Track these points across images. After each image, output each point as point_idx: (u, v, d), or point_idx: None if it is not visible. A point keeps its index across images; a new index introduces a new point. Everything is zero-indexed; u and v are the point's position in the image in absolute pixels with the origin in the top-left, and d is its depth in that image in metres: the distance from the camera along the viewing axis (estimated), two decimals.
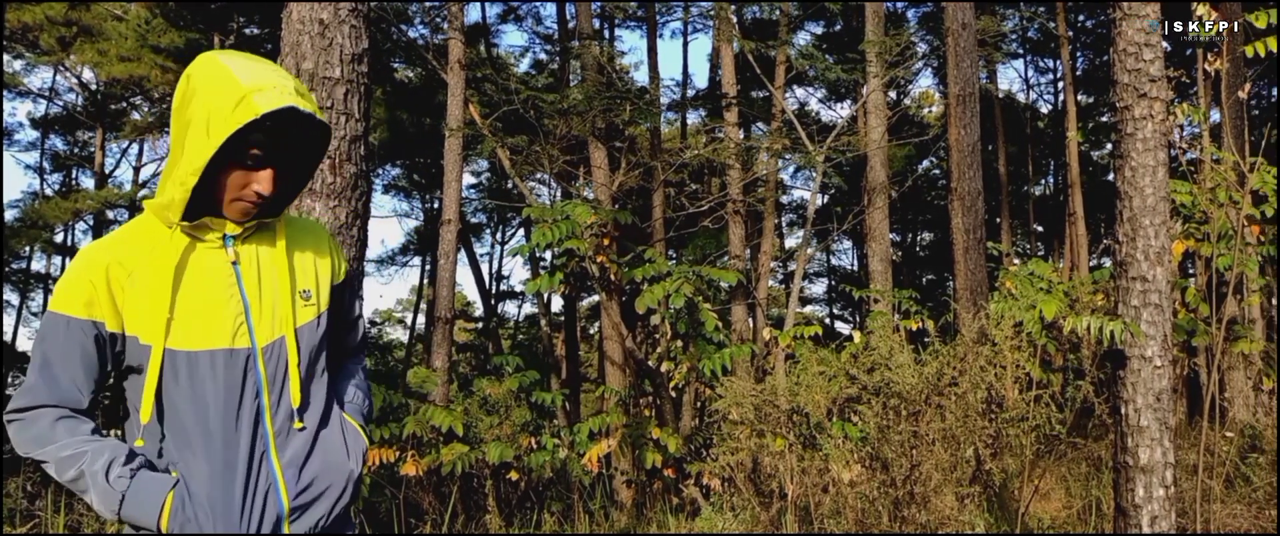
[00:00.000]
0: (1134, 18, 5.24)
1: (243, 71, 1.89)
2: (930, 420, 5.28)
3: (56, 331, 1.90)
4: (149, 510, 1.86)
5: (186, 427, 1.93)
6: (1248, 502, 6.71)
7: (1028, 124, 26.07)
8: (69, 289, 1.90)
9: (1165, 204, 5.23)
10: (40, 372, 1.90)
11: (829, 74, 13.69)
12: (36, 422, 1.90)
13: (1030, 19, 23.95)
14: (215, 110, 1.85)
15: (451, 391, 9.90)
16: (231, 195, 1.95)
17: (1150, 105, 5.18)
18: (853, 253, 30.56)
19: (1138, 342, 5.09)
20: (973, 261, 9.91)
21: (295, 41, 3.72)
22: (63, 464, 1.88)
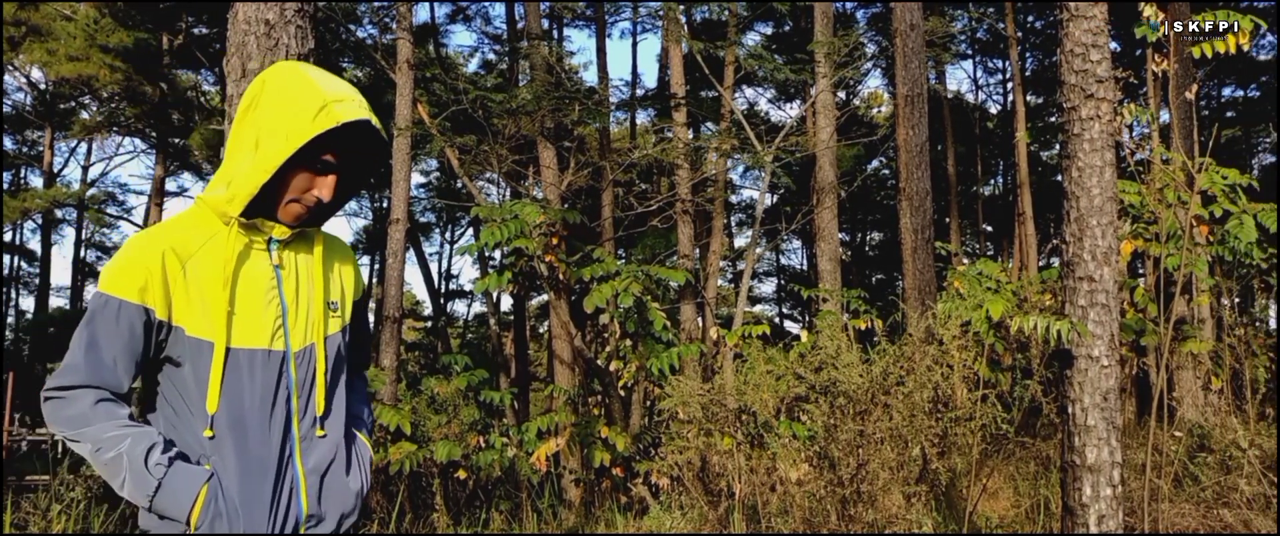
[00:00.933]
0: (1081, 19, 5.25)
1: (324, 82, 1.99)
2: (877, 419, 5.25)
3: (106, 313, 1.89)
4: (183, 501, 1.87)
5: (222, 423, 1.95)
6: (1196, 502, 6.77)
7: (977, 124, 26.38)
8: (123, 272, 1.90)
9: (1112, 204, 5.25)
10: (86, 353, 1.88)
11: (778, 74, 13.70)
12: (77, 402, 1.88)
13: (979, 20, 24.25)
14: (296, 114, 1.92)
15: (400, 390, 9.75)
16: (290, 197, 2.01)
17: (1097, 106, 5.20)
18: (802, 252, 30.73)
19: (1085, 342, 5.11)
20: (921, 261, 9.95)
21: (241, 41, 3.66)
22: (103, 445, 1.86)
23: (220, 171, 2.02)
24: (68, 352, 1.91)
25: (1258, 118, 22.71)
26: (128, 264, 1.91)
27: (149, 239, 1.95)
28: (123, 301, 1.89)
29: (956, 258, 20.08)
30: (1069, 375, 5.17)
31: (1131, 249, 7.99)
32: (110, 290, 1.90)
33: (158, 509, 1.87)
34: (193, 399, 1.95)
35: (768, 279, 31.91)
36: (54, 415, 1.89)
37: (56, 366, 2.04)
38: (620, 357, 8.19)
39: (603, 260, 8.04)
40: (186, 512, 1.87)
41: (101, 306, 1.90)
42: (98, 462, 1.87)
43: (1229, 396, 8.16)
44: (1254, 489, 6.39)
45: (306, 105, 1.93)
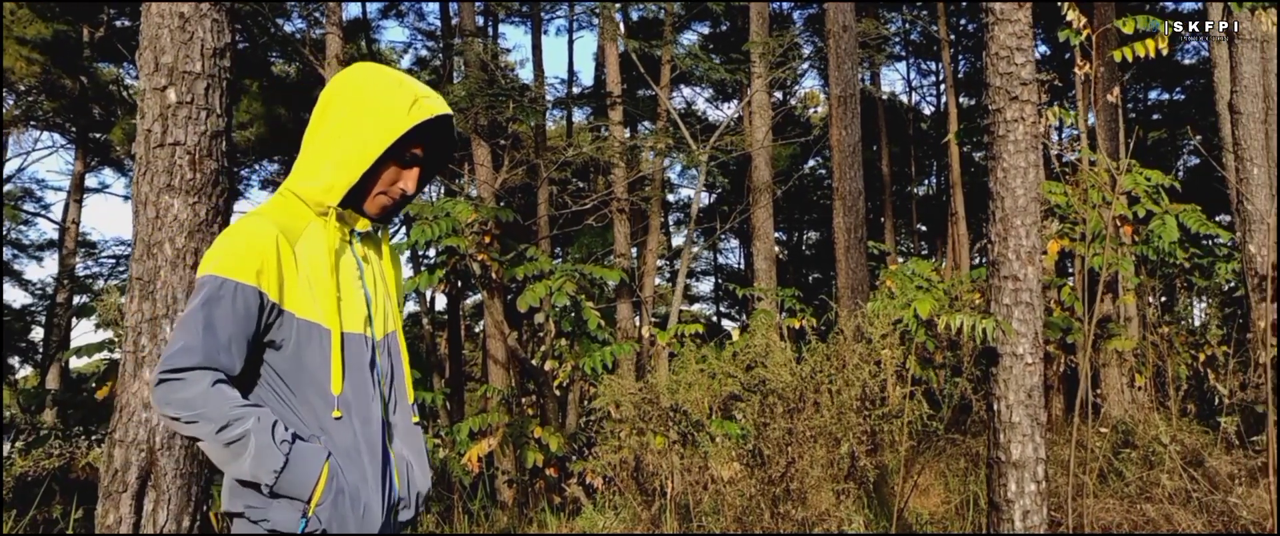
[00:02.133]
0: (1006, 22, 5.31)
1: (409, 78, 2.08)
2: (807, 417, 5.26)
3: (223, 295, 1.90)
4: (308, 478, 1.89)
5: (343, 405, 2.00)
6: (1120, 497, 6.90)
7: (911, 125, 26.74)
8: (240, 254, 1.92)
9: (1036, 204, 5.32)
10: (203, 334, 1.88)
11: (713, 74, 13.73)
12: (195, 384, 1.86)
13: (913, 22, 24.59)
14: (391, 109, 2.00)
15: None
16: (380, 189, 2.09)
17: (1021, 108, 5.26)
18: (740, 251, 30.90)
19: (1010, 340, 5.17)
20: (854, 260, 10.03)
21: (154, 35, 3.56)
22: (227, 423, 1.85)
23: (302, 164, 2.06)
24: (180, 335, 1.89)
25: (1183, 121, 23.37)
26: (244, 247, 1.92)
27: (260, 223, 1.96)
28: (239, 283, 1.90)
29: (891, 257, 20.34)
30: (995, 373, 5.22)
31: (1058, 248, 8.15)
32: (226, 273, 1.91)
33: (282, 486, 1.88)
34: (302, 381, 1.98)
35: (705, 278, 32.04)
36: (169, 397, 1.86)
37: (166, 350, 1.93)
38: (556, 357, 8.13)
39: (536, 259, 7.98)
40: (310, 490, 1.89)
41: (217, 288, 1.90)
42: (217, 442, 1.85)
43: (1152, 393, 8.35)
44: (1175, 484, 6.54)
45: (400, 99, 2.01)
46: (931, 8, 22.07)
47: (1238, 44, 8.17)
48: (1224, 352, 7.74)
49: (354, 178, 2.01)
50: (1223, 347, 7.80)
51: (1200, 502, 6.26)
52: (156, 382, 1.87)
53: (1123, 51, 5.32)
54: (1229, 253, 8.53)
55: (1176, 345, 8.17)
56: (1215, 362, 7.80)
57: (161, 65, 3.54)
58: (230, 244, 1.93)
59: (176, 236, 3.46)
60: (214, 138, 3.61)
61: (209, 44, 3.58)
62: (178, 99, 3.50)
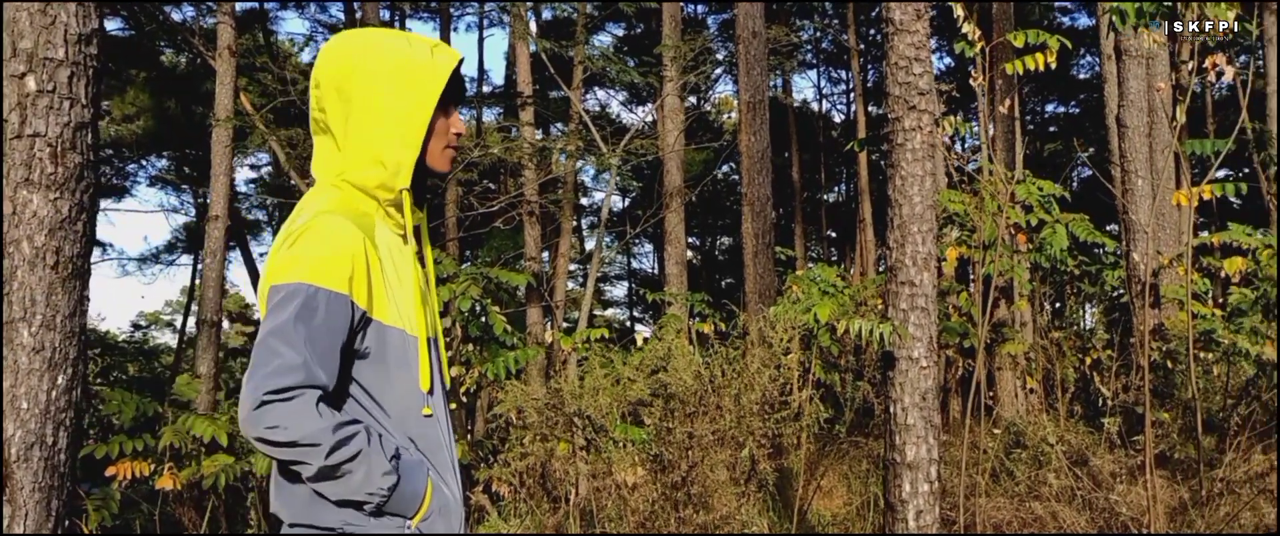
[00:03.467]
0: (905, 33, 5.45)
1: (403, 32, 1.97)
2: (711, 421, 5.31)
3: (320, 306, 1.74)
4: (416, 495, 1.82)
5: (416, 414, 1.90)
6: (1011, 495, 7.11)
7: (821, 132, 27.20)
8: (330, 260, 1.77)
9: (932, 212, 5.46)
10: (306, 349, 1.71)
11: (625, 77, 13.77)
12: (305, 403, 1.70)
13: (824, 30, 25.02)
14: (420, 65, 1.89)
15: (218, 399, 9.31)
16: (441, 144, 1.99)
17: (919, 117, 5.40)
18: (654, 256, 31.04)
19: (906, 344, 5.29)
20: (762, 265, 10.16)
21: (13, 18, 3.37)
22: (337, 446, 1.71)
23: (351, 153, 1.91)
24: (276, 351, 1.71)
25: (1077, 133, 24.25)
26: (333, 252, 1.77)
27: (346, 224, 1.82)
28: (333, 293, 1.76)
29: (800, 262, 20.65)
30: (892, 376, 5.35)
31: (956, 256, 8.37)
32: (318, 280, 1.75)
33: (393, 505, 1.79)
34: (387, 391, 1.87)
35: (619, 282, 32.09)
36: (272, 420, 1.69)
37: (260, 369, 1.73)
38: (462, 363, 8.06)
39: (440, 262, 7.90)
40: (417, 506, 1.82)
41: (314, 299, 1.75)
42: (325, 465, 1.71)
43: (1042, 395, 8.63)
44: (1061, 482, 6.77)
45: (420, 51, 1.91)
46: (842, 17, 22.49)
47: (1125, 60, 8.51)
48: (1108, 356, 8.04)
49: (418, 149, 1.91)
50: (1107, 352, 8.11)
51: (1084, 500, 6.50)
52: (257, 404, 1.68)
53: (1015, 64, 5.50)
54: (1115, 261, 8.87)
55: (1065, 349, 8.46)
56: (1100, 366, 8.10)
57: (20, 51, 3.36)
58: (318, 248, 1.78)
59: (36, 234, 3.31)
60: (78, 129, 3.44)
61: (73, 29, 3.42)
62: (37, 87, 3.34)
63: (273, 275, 1.80)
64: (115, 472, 6.35)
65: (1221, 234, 7.96)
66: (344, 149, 1.92)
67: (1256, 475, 6.23)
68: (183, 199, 23.97)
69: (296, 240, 1.80)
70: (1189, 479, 6.54)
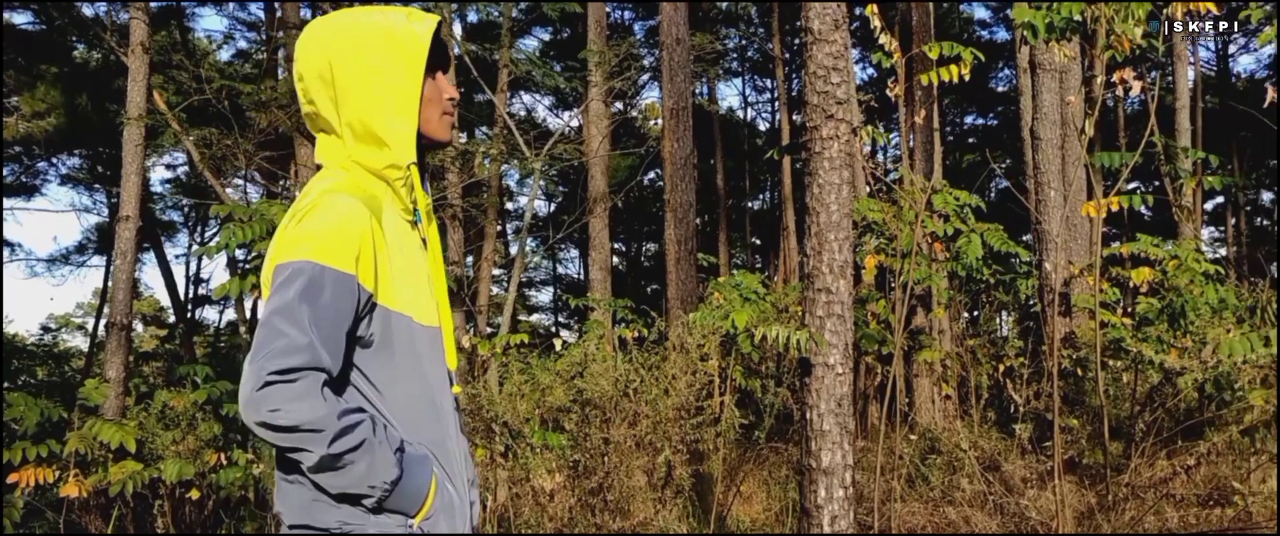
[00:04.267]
0: (824, 42, 5.49)
1: (374, 6, 1.89)
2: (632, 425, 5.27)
3: (324, 284, 1.65)
4: (419, 490, 1.73)
5: (421, 407, 1.82)
6: (925, 500, 7.21)
7: (746, 140, 27.43)
8: (337, 239, 1.68)
9: (848, 220, 5.51)
10: (311, 330, 1.62)
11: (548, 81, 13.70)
12: (309, 386, 1.60)
13: (749, 39, 25.23)
14: (393, 36, 1.82)
15: (128, 404, 9.01)
16: (436, 112, 1.92)
17: (837, 126, 5.44)
18: (579, 261, 30.95)
19: (822, 351, 5.33)
20: (684, 271, 10.17)
21: None
22: (341, 434, 1.61)
23: (354, 133, 1.84)
24: (280, 331, 1.61)
25: (996, 144, 24.84)
26: (340, 229, 1.68)
27: (354, 202, 1.73)
28: (339, 272, 1.67)
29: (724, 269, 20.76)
30: (808, 382, 5.38)
31: (875, 263, 8.48)
32: (324, 259, 1.66)
33: (394, 500, 1.69)
34: (391, 380, 1.77)
35: (545, 287, 31.94)
36: (276, 402, 1.58)
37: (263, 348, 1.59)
38: None
39: None
40: (420, 503, 1.73)
41: (317, 276, 1.65)
42: (327, 454, 1.61)
43: (957, 402, 8.78)
44: (974, 487, 6.89)
45: (396, 20, 1.84)
46: (767, 26, 22.71)
47: (1039, 74, 8.72)
48: (1021, 364, 8.22)
49: (415, 118, 1.84)
50: (1020, 359, 8.28)
51: (996, 504, 6.62)
52: (261, 385, 1.59)
53: (930, 75, 5.58)
54: (1028, 270, 9.07)
55: (980, 357, 8.62)
56: (1013, 373, 8.28)
57: None
58: (325, 225, 1.69)
59: None
60: None
61: None
62: None
63: (278, 253, 1.72)
64: (17, 479, 6.12)
65: (1130, 245, 8.19)
66: (343, 135, 1.85)
67: (1160, 480, 6.41)
68: (95, 198, 23.20)
69: (303, 218, 1.72)
70: (1097, 484, 6.70)
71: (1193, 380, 6.13)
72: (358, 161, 1.85)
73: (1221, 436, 6.20)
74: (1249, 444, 6.25)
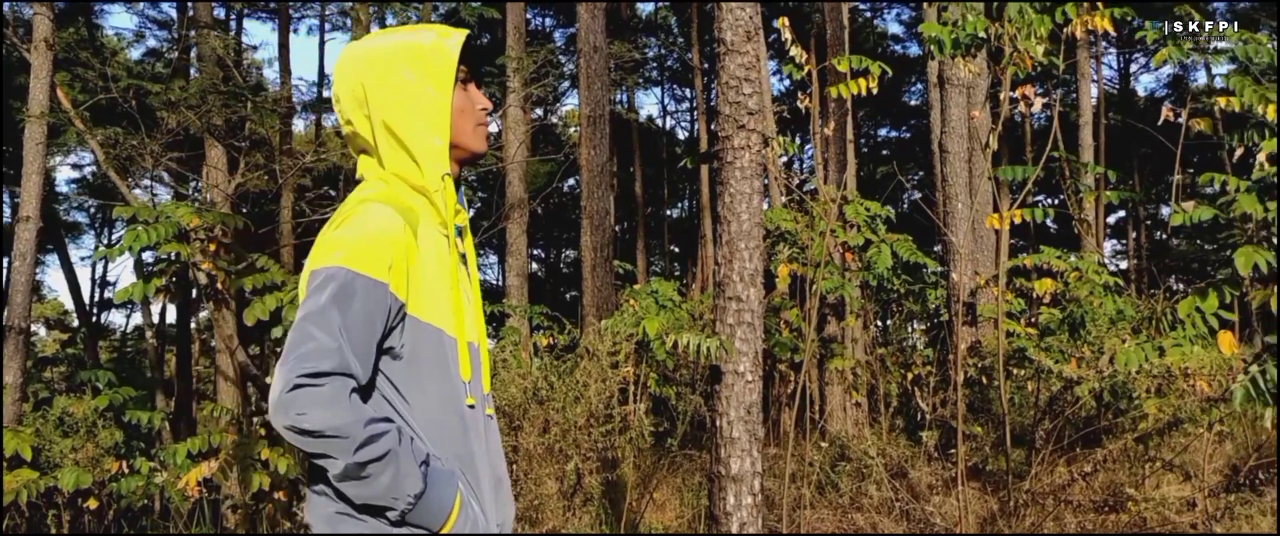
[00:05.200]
0: (736, 53, 5.54)
1: (406, 26, 1.94)
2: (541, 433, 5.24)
3: (356, 291, 1.66)
4: (444, 505, 1.71)
5: (449, 421, 1.80)
6: (835, 507, 7.30)
7: (665, 148, 27.56)
8: (371, 247, 1.69)
9: (759, 229, 5.56)
10: (341, 336, 1.63)
11: None
12: (337, 391, 1.60)
13: (669, 48, 25.39)
14: (421, 52, 1.86)
15: (25, 410, 8.69)
16: (470, 123, 1.94)
17: (748, 137, 5.49)
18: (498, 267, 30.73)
19: (732, 359, 5.36)
20: (600, 278, 10.17)
21: None
22: (367, 442, 1.60)
23: (389, 151, 1.87)
24: (310, 335, 1.62)
25: (908, 157, 25.40)
26: (374, 238, 1.70)
27: (390, 211, 1.75)
28: (372, 280, 1.68)
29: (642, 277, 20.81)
30: (717, 390, 5.40)
31: (788, 272, 8.58)
32: (356, 266, 1.67)
33: (417, 514, 1.68)
34: (419, 394, 1.76)
35: None
36: (304, 405, 1.58)
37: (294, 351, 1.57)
38: None
39: (267, 269, 7.58)
40: (443, 518, 1.71)
41: (349, 282, 1.66)
42: (352, 461, 1.60)
43: (867, 409, 8.92)
44: (881, 494, 7.00)
45: (424, 38, 1.88)
46: (687, 36, 22.88)
47: (947, 88, 8.93)
48: (928, 372, 8.39)
49: (448, 133, 1.87)
50: (928, 368, 8.45)
51: (902, 510, 6.73)
52: (290, 387, 1.58)
53: (839, 88, 5.67)
54: (937, 280, 9.27)
55: (889, 365, 8.78)
56: (921, 381, 8.44)
57: None
58: (359, 233, 1.71)
59: None
60: None
61: None
62: None
63: (313, 259, 1.74)
64: None
65: (1034, 256, 8.44)
66: (381, 154, 1.89)
67: (1059, 486, 6.59)
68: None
69: (339, 225, 1.75)
70: (999, 490, 6.86)
71: (1090, 389, 6.32)
72: (397, 174, 1.88)
73: (1117, 444, 6.41)
74: (1143, 451, 6.46)
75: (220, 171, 10.46)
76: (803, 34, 15.32)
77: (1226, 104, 5.69)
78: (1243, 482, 5.98)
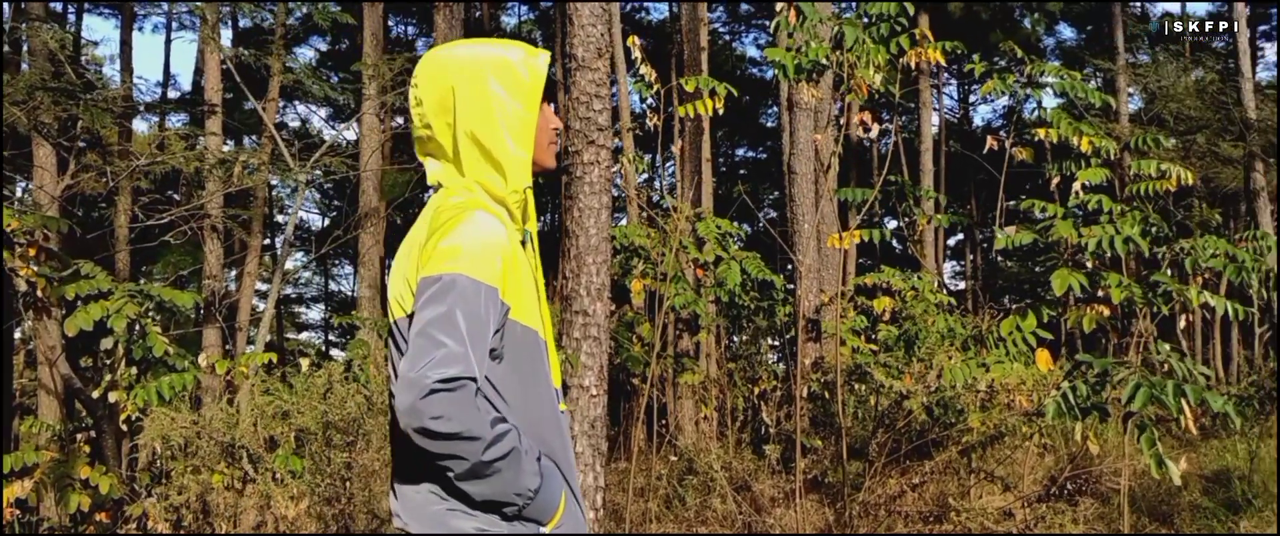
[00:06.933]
0: (586, 70, 5.58)
1: (495, 40, 2.01)
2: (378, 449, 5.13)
3: (476, 297, 1.74)
4: (554, 499, 1.83)
5: (546, 419, 1.91)
6: (680, 521, 7.39)
7: None
8: (485, 254, 1.78)
9: (608, 244, 5.60)
10: (469, 342, 1.70)
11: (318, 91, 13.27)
12: (469, 394, 1.68)
13: None
14: (512, 69, 1.94)
15: None
16: (545, 139, 2.03)
17: (597, 152, 5.53)
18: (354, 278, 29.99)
19: (577, 373, 5.37)
20: None
21: None
22: (495, 441, 1.71)
23: (471, 158, 1.94)
24: (439, 341, 1.68)
25: (764, 177, 26.02)
26: (485, 245, 1.79)
27: (493, 217, 1.85)
28: (488, 286, 1.77)
29: None
30: None
31: (641, 287, 8.67)
32: (473, 273, 1.75)
33: (532, 509, 1.79)
34: (520, 393, 1.86)
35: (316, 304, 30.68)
36: (448, 408, 1.65)
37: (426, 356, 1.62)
38: (125, 388, 7.36)
39: (94, 277, 7.19)
40: (553, 511, 1.82)
41: (470, 289, 1.74)
42: (479, 461, 1.70)
43: (715, 423, 9.08)
44: (725, 507, 7.13)
45: (515, 55, 1.96)
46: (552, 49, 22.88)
47: (796, 111, 9.21)
48: (774, 387, 8.60)
49: (532, 148, 1.97)
50: (773, 382, 8.67)
51: (745, 523, 6.87)
52: (426, 393, 1.64)
53: (686, 108, 5.78)
54: (785, 297, 9.52)
55: (737, 380, 8.96)
56: (766, 396, 8.65)
57: None
58: (473, 240, 1.78)
59: None
60: None
61: None
62: None
63: (426, 266, 1.78)
64: None
65: (874, 275, 8.76)
66: (461, 159, 1.95)
67: (891, 497, 6.85)
68: None
69: (448, 232, 1.80)
70: (836, 502, 7.08)
71: (920, 403, 6.60)
72: (479, 182, 1.95)
73: (945, 456, 6.70)
74: (966, 463, 6.78)
75: (48, 172, 9.90)
76: (664, 55, 15.54)
77: (1046, 135, 6.06)
78: (1057, 492, 6.35)
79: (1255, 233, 5.90)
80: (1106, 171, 5.78)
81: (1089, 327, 5.53)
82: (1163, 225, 5.65)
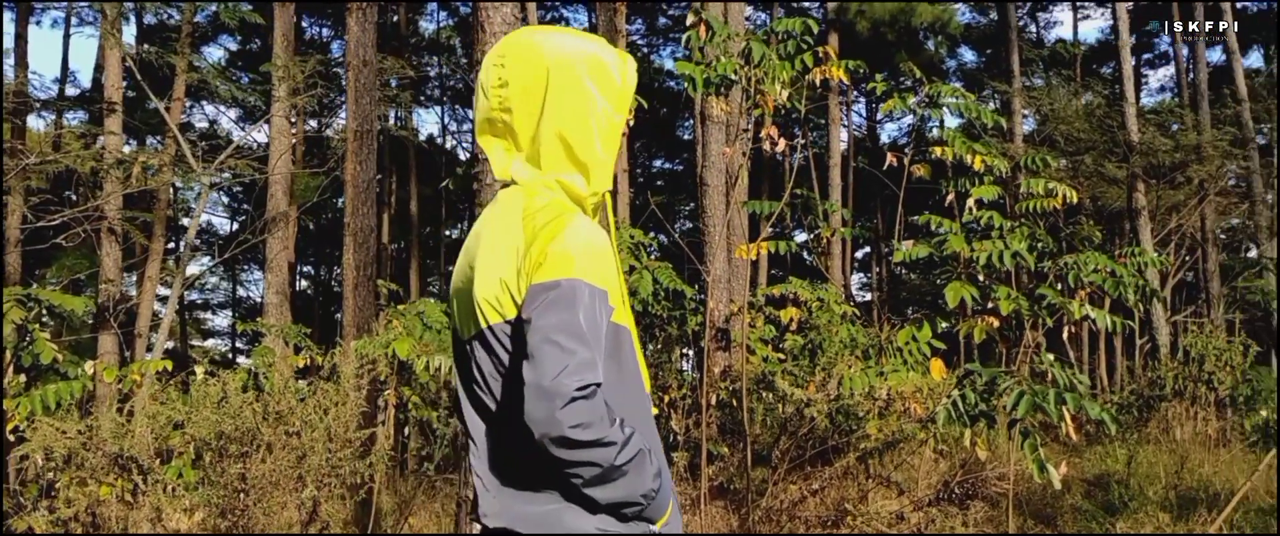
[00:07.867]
0: None
1: (589, 36, 1.94)
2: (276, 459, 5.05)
3: (595, 302, 1.74)
4: (666, 500, 1.83)
5: (645, 419, 1.89)
6: None
7: (444, 168, 27.23)
8: (595, 258, 1.77)
9: None
10: (593, 346, 1.70)
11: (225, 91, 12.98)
12: (602, 401, 1.69)
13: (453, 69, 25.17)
14: (609, 72, 1.90)
15: None
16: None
17: None
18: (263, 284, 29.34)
19: None
20: (362, 297, 9.93)
21: None
22: (625, 443, 1.71)
23: (552, 154, 1.87)
24: (569, 349, 1.67)
25: (681, 188, 26.28)
26: (595, 249, 1.78)
27: (589, 220, 1.83)
28: (600, 291, 1.76)
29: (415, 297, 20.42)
30: None
31: None
32: (590, 278, 1.74)
33: (649, 510, 1.79)
34: (616, 391, 1.80)
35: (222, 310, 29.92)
36: (584, 416, 1.65)
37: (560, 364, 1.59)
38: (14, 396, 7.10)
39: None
40: (664, 511, 1.82)
41: (589, 295, 1.73)
42: (611, 464, 1.70)
43: None
44: None
45: (609, 55, 1.92)
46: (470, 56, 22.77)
47: (707, 124, 9.33)
48: (682, 395, 8.68)
49: (616, 153, 1.94)
50: (682, 391, 8.75)
51: None
52: (567, 401, 1.63)
53: None
54: (696, 307, 9.63)
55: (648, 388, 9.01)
56: (676, 405, 8.72)
57: None
58: (584, 245, 1.76)
59: None
60: None
61: None
62: None
63: (536, 271, 1.75)
64: None
65: (781, 286, 8.91)
66: (539, 154, 1.89)
67: (793, 503, 6.97)
68: None
69: (556, 235, 1.77)
70: (741, 508, 7.19)
71: (822, 411, 6.74)
72: (559, 181, 1.90)
73: (844, 462, 6.86)
74: (865, 469, 6.95)
75: None
76: None
77: (943, 153, 6.26)
78: (948, 496, 6.55)
79: (1135, 249, 6.17)
80: (999, 189, 5.99)
81: (979, 338, 5.71)
82: (1049, 241, 5.88)
